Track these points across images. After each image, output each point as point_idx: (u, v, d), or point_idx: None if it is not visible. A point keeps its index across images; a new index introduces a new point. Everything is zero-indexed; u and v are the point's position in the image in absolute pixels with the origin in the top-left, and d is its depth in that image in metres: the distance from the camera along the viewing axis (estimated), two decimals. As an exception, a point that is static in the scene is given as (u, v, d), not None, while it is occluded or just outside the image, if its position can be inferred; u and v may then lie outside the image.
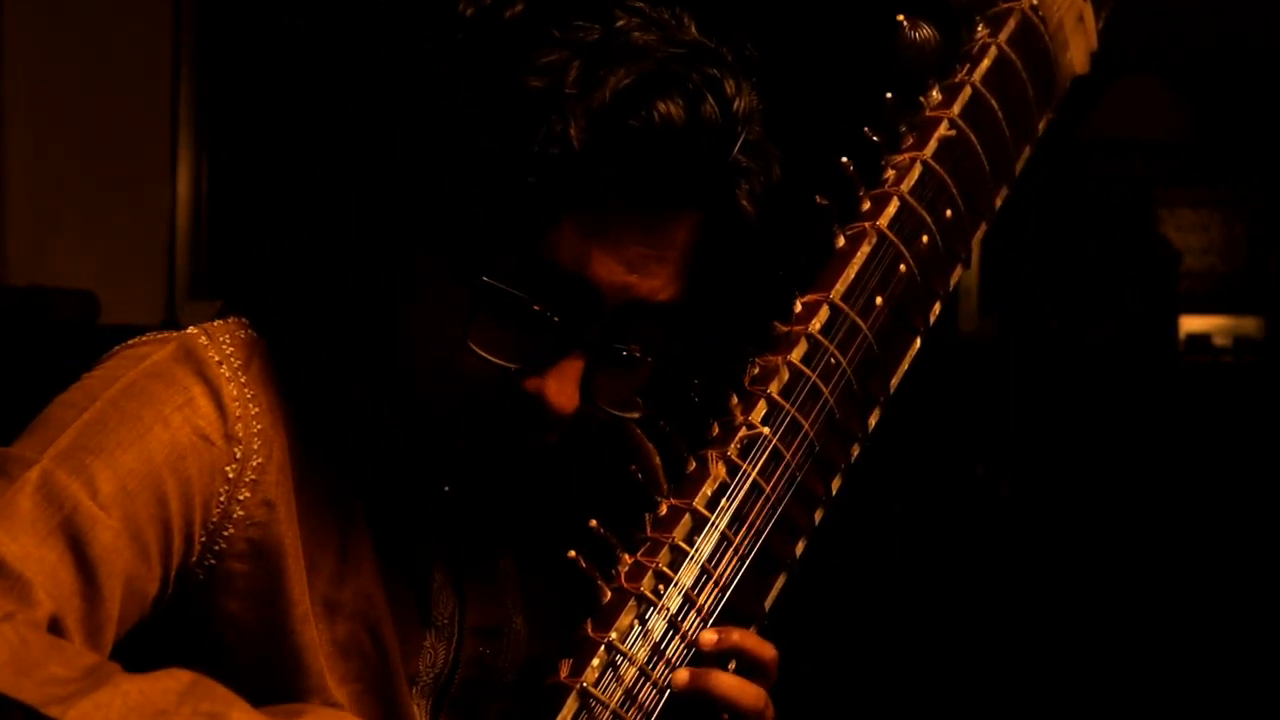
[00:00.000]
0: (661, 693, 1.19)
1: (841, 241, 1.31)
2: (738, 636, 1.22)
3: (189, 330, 1.22)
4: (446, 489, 1.25)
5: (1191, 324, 4.96)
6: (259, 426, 1.20)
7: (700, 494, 1.23)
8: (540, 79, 1.12)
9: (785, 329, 1.28)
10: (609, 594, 1.20)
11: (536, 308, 1.16)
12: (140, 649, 1.15)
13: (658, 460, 1.49)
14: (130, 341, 1.23)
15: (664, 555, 1.21)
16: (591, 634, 1.19)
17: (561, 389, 1.17)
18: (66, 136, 4.40)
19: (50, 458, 1.12)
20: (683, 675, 1.19)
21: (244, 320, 1.25)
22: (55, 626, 1.08)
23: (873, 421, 1.34)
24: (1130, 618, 4.14)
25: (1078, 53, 1.48)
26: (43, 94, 4.36)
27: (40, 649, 1.02)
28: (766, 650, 1.23)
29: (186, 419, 1.17)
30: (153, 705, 1.01)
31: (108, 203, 4.47)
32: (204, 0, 4.69)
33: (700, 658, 1.21)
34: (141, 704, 1.00)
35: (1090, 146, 4.85)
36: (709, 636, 1.20)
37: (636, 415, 1.26)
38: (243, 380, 1.20)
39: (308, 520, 1.22)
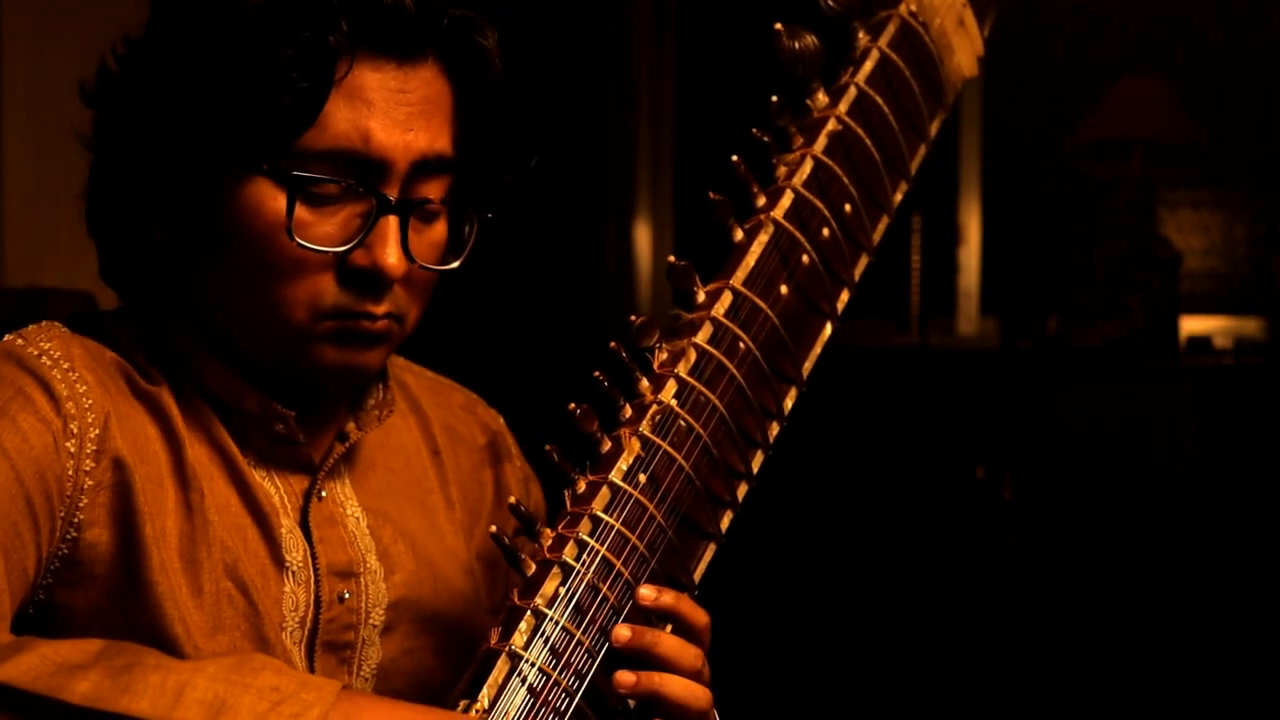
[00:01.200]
0: (592, 655, 1.24)
1: (739, 235, 1.38)
2: (671, 599, 1.27)
3: (4, 337, 1.33)
4: (279, 428, 1.36)
5: (1192, 325, 4.96)
6: (89, 401, 1.29)
7: (616, 468, 1.27)
8: None
9: (690, 316, 1.35)
10: (533, 566, 1.25)
11: (344, 184, 1.29)
12: (31, 630, 1.24)
13: (503, 425, 1.60)
14: None
15: (584, 525, 1.26)
16: (518, 601, 1.23)
17: (387, 251, 1.30)
18: (65, 137, 4.39)
19: None
20: (624, 631, 1.24)
21: (55, 323, 1.35)
22: None
23: (789, 402, 1.39)
24: (1132, 620, 4.13)
25: (964, 56, 1.54)
26: (42, 94, 4.36)
27: None
28: (699, 616, 1.29)
29: (21, 408, 1.26)
30: (69, 661, 1.11)
31: (107, 203, 4.45)
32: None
33: (631, 618, 1.26)
34: (60, 662, 1.11)
35: (1091, 147, 4.84)
36: (647, 593, 1.26)
37: (455, 265, 1.38)
38: (65, 366, 1.29)
39: (150, 482, 1.30)
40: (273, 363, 1.35)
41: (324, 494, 1.40)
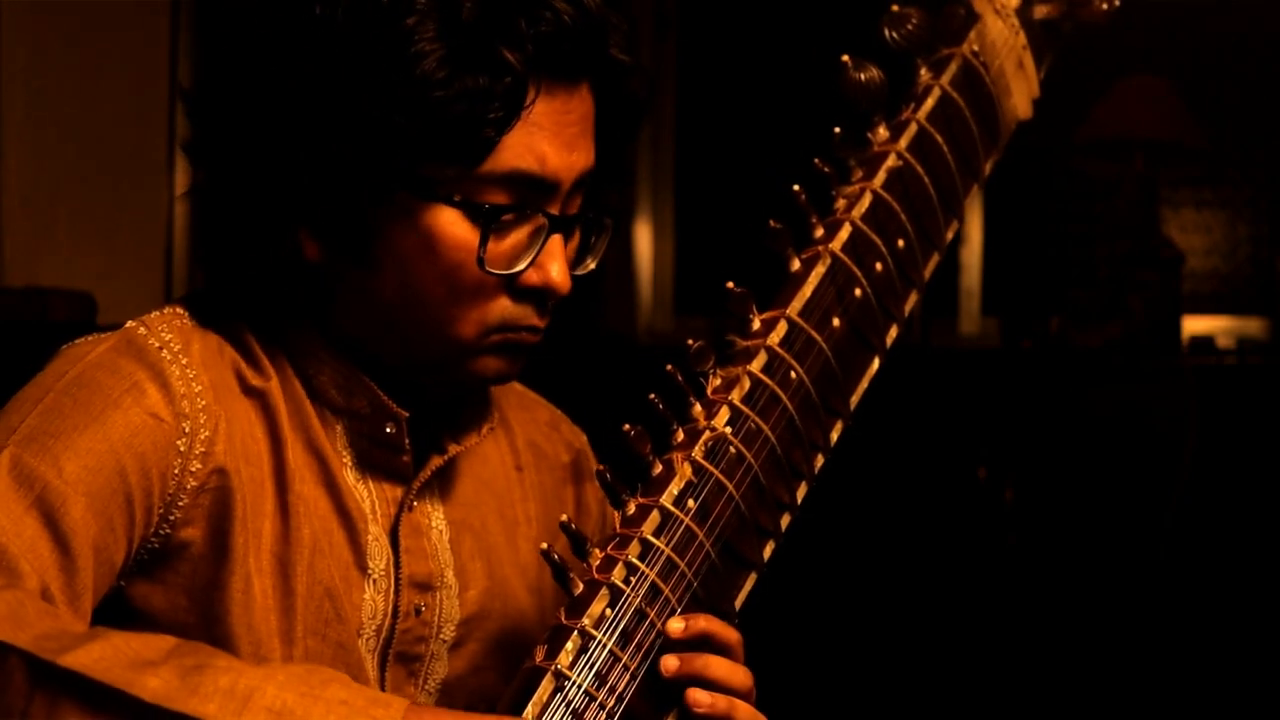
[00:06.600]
0: (633, 678, 1.25)
1: (796, 265, 1.38)
2: (704, 623, 1.28)
3: (128, 324, 1.33)
4: (389, 429, 1.36)
5: (1195, 325, 4.95)
6: (203, 402, 1.30)
7: (667, 492, 1.29)
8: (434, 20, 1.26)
9: (745, 343, 1.36)
10: (581, 585, 1.26)
11: (525, 209, 1.32)
12: (101, 617, 1.25)
13: (586, 443, 1.61)
14: (74, 341, 1.34)
15: (633, 548, 1.27)
16: (565, 621, 1.25)
17: (558, 270, 1.34)
18: (64, 137, 4.40)
19: (15, 443, 1.23)
20: (672, 662, 1.25)
21: (179, 310, 1.36)
22: (44, 597, 1.18)
23: (834, 435, 1.41)
24: (1134, 620, 4.13)
25: (1020, 98, 1.56)
26: (41, 94, 4.36)
27: (35, 613, 1.13)
28: (731, 634, 1.30)
29: (136, 400, 1.27)
30: (141, 657, 1.12)
31: (105, 203, 4.48)
32: (202, 1, 4.70)
33: (670, 644, 1.27)
34: (131, 655, 1.12)
35: (1093, 146, 4.83)
36: (676, 625, 1.26)
37: (593, 267, 1.42)
38: (184, 362, 1.30)
39: (252, 484, 1.31)
40: (423, 369, 1.36)
41: (414, 504, 1.41)
